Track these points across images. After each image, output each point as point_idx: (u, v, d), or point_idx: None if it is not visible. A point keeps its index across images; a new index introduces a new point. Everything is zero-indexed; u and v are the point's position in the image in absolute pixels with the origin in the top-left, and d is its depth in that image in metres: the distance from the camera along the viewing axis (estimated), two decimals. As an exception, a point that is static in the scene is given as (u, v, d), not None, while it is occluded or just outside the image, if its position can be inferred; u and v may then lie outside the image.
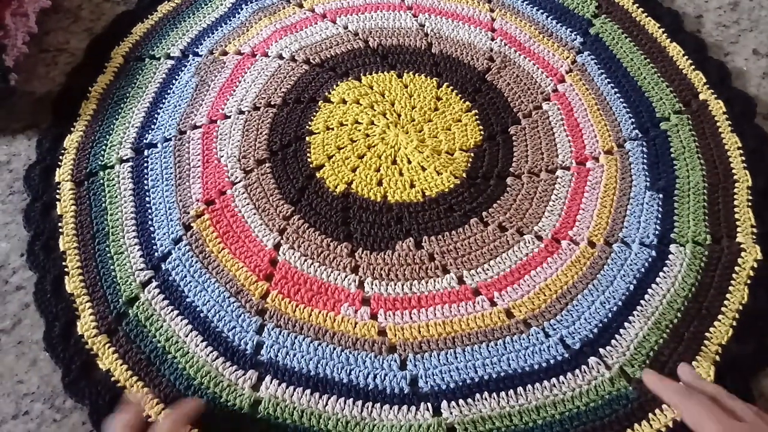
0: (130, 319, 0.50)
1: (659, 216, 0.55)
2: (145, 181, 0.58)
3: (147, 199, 0.57)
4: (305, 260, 0.54)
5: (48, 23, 0.70)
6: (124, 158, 0.60)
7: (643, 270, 0.52)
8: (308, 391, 0.47)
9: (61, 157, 0.59)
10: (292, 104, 0.63)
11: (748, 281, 0.51)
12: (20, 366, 0.49)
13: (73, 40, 0.69)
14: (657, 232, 0.54)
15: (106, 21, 0.70)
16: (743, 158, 0.58)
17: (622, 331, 0.49)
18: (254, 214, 0.56)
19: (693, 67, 0.64)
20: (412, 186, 0.58)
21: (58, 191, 0.57)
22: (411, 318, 0.51)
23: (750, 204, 0.55)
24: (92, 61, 0.66)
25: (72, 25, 0.70)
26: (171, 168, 0.59)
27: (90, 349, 0.48)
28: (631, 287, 0.52)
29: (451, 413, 0.46)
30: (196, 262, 0.53)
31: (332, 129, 0.62)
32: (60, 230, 0.55)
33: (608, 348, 0.49)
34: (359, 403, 0.47)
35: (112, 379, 0.47)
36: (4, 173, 0.60)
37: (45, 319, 0.51)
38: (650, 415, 0.45)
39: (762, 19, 0.70)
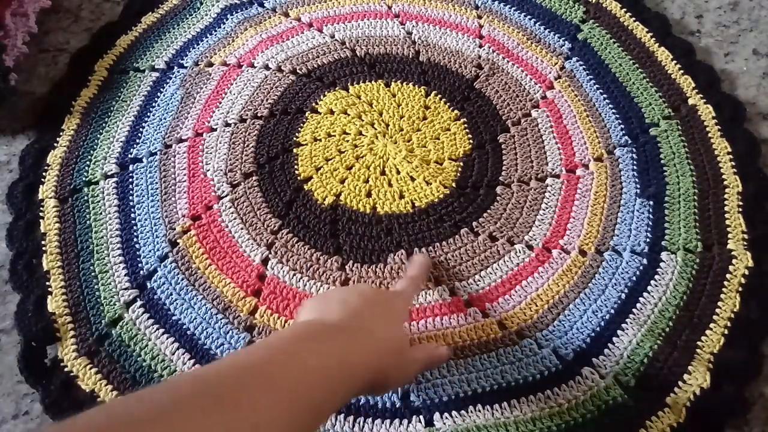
0: (113, 340, 0.50)
1: (650, 223, 0.55)
2: (131, 197, 0.57)
3: (132, 215, 0.56)
4: (294, 274, 0.53)
5: (48, 23, 0.69)
6: (109, 174, 0.59)
7: (634, 278, 0.52)
8: (299, 409, 0.46)
9: (44, 174, 0.59)
10: (278, 115, 0.63)
11: (740, 288, 0.51)
12: (20, 366, 0.49)
13: (73, 40, 0.69)
14: (648, 240, 0.54)
15: (106, 21, 0.70)
16: (733, 163, 0.58)
17: (615, 339, 0.49)
18: (241, 228, 0.56)
19: (682, 71, 0.64)
20: (401, 197, 0.58)
21: (41, 209, 0.56)
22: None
23: (740, 210, 0.55)
24: (75, 74, 0.65)
25: (72, 25, 0.70)
26: (156, 183, 0.58)
27: (70, 371, 0.48)
28: (623, 296, 0.51)
29: (444, 423, 0.45)
30: (183, 279, 0.52)
31: (320, 140, 0.61)
32: (43, 249, 0.54)
33: (601, 357, 0.48)
34: (351, 418, 0.46)
35: (98, 399, 0.47)
36: (4, 173, 0.59)
37: (24, 339, 0.50)
38: (647, 423, 0.45)
39: (762, 19, 0.70)
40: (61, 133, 0.61)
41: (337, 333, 0.36)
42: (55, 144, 0.61)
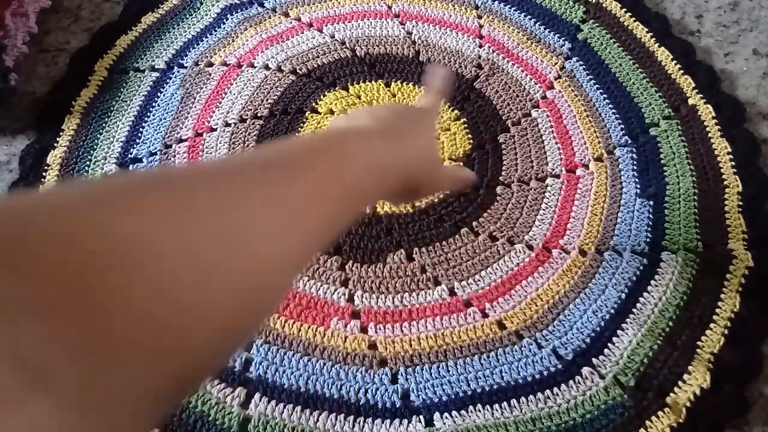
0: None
1: (650, 223, 0.55)
2: (130, 197, 0.57)
3: (132, 215, 0.56)
4: (294, 274, 0.53)
5: (48, 23, 0.69)
6: (109, 174, 0.59)
7: (634, 278, 0.52)
8: (298, 408, 0.46)
9: (44, 174, 0.59)
10: (279, 116, 0.63)
11: (740, 288, 0.51)
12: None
13: (73, 40, 0.69)
14: (648, 240, 0.54)
15: (106, 21, 0.70)
16: (733, 163, 0.58)
17: (615, 339, 0.49)
18: (241, 228, 0.55)
19: (682, 71, 0.64)
20: (401, 197, 0.58)
21: (41, 208, 0.56)
22: (402, 331, 0.50)
23: (740, 210, 0.55)
24: (75, 74, 0.65)
25: (72, 25, 0.70)
26: (156, 183, 0.58)
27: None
28: (623, 296, 0.51)
29: (444, 423, 0.45)
30: (183, 279, 0.52)
31: (320, 140, 0.61)
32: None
33: (601, 357, 0.48)
34: (351, 418, 0.46)
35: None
36: (4, 173, 0.59)
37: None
38: (647, 422, 0.45)
39: (762, 19, 0.70)
40: (61, 133, 0.61)
41: (370, 137, 0.35)
42: (55, 144, 0.61)
